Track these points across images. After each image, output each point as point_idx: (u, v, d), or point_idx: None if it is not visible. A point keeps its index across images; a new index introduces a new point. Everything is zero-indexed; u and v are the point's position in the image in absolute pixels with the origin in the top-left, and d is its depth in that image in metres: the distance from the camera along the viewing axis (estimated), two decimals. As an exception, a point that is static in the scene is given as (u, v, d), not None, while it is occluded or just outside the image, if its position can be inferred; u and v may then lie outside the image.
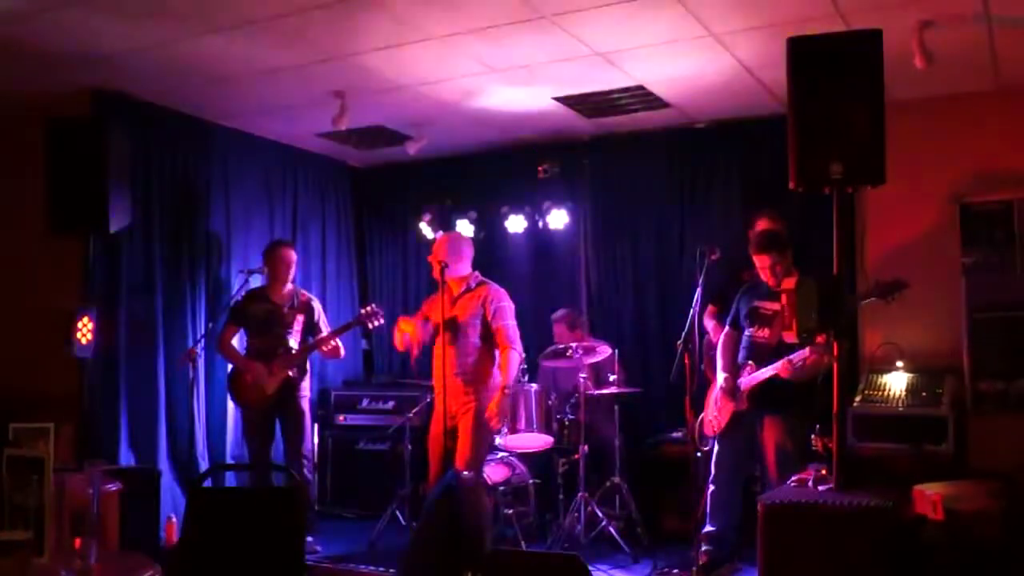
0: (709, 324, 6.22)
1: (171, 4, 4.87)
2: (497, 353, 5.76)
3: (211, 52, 5.53)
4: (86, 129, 5.66)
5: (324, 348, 6.42)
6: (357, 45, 5.48)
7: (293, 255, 6.55)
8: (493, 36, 5.33)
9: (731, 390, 5.46)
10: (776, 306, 5.34)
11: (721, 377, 5.55)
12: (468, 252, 5.88)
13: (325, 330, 6.56)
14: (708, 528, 5.50)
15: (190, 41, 5.35)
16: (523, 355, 5.90)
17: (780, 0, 4.88)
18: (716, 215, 7.09)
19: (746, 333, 5.50)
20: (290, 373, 6.29)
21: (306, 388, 6.46)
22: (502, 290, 5.85)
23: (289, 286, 6.51)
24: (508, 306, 5.80)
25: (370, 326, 6.37)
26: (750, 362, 5.40)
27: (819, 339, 4.82)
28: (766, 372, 5.28)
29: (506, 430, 6.30)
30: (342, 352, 6.55)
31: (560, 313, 7.18)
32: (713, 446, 5.64)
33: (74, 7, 4.87)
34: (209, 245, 6.98)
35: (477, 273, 5.89)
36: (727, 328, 5.64)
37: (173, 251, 6.67)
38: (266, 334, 6.33)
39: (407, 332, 5.83)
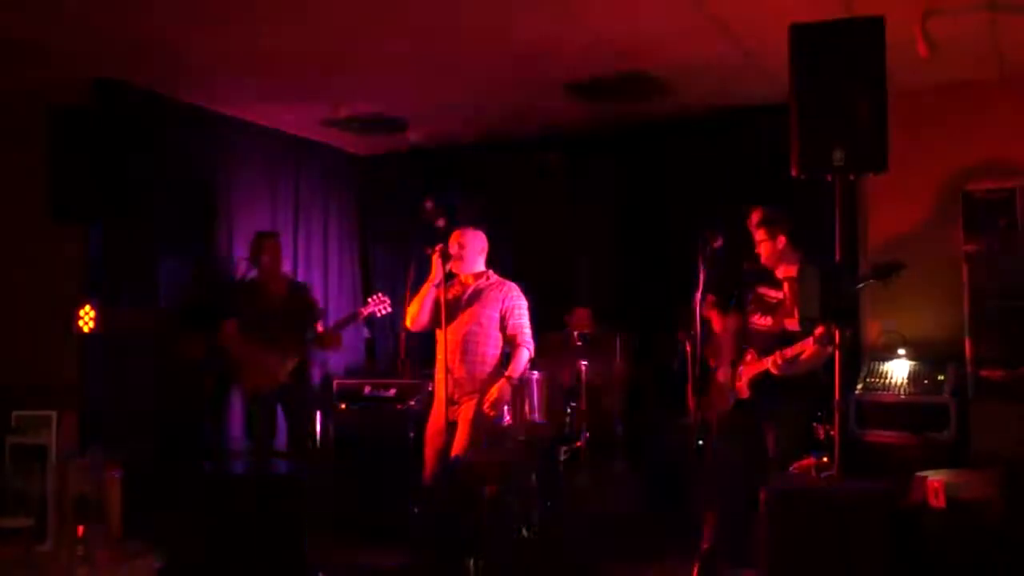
0: (710, 314, 6.20)
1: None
2: (502, 344, 5.76)
3: (212, 40, 5.51)
4: (87, 117, 5.65)
5: (332, 338, 6.43)
6: (359, 31, 5.46)
7: (279, 244, 6.59)
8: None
9: (730, 380, 5.45)
10: (779, 294, 5.34)
11: (721, 367, 5.55)
12: (484, 247, 5.85)
13: (320, 316, 6.59)
14: (713, 516, 5.51)
15: (191, 29, 5.34)
16: (533, 354, 5.88)
17: (783, -14, 4.87)
18: (718, 202, 7.07)
19: (750, 320, 5.50)
20: (300, 359, 6.33)
21: (311, 376, 6.49)
22: (518, 289, 5.81)
23: (281, 275, 6.54)
24: (525, 305, 5.79)
25: (379, 314, 6.38)
26: (751, 350, 5.40)
27: (819, 330, 4.83)
28: (759, 366, 5.28)
29: (508, 417, 6.30)
30: (341, 343, 6.57)
31: (584, 306, 7.18)
32: (717, 434, 5.65)
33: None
34: (210, 233, 6.97)
35: (490, 270, 5.84)
36: (731, 313, 5.64)
37: (174, 239, 6.65)
38: (268, 324, 6.35)
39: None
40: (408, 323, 5.83)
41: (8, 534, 2.91)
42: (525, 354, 5.72)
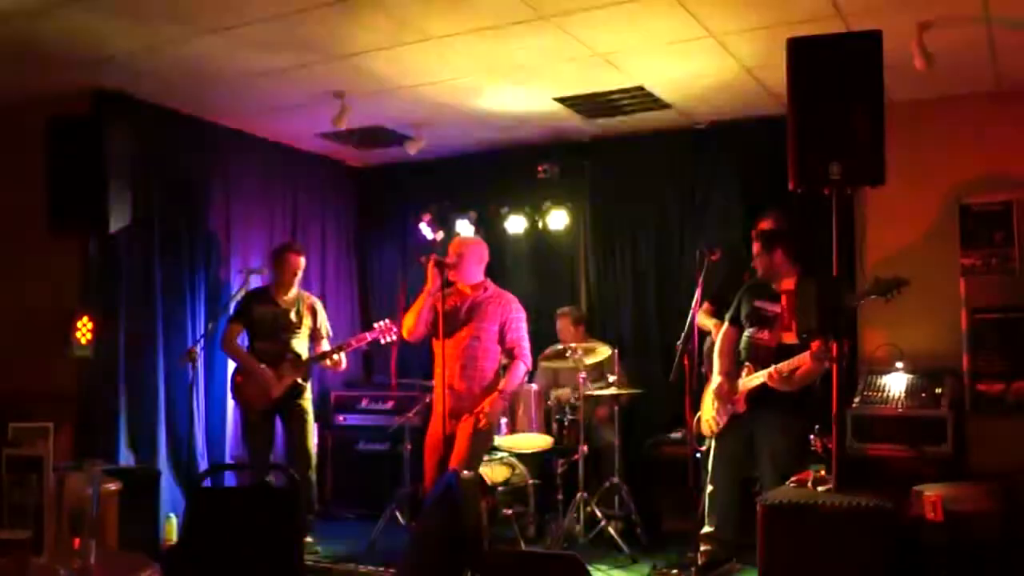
0: (709, 323, 6.19)
1: (172, 4, 4.87)
2: (502, 358, 5.76)
3: (211, 52, 5.52)
4: (86, 128, 5.66)
5: (334, 359, 6.40)
6: (357, 45, 5.48)
7: (302, 260, 6.49)
8: (493, 36, 5.33)
9: (726, 393, 5.44)
10: (777, 308, 5.34)
11: (716, 379, 5.55)
12: (484, 258, 5.84)
13: (326, 334, 6.56)
14: (706, 528, 5.49)
15: (191, 41, 5.35)
16: (530, 367, 5.88)
17: (780, 1, 4.88)
18: (716, 216, 7.09)
19: (746, 333, 5.49)
20: (298, 379, 6.30)
21: (309, 390, 6.47)
22: (516, 302, 5.81)
23: (295, 289, 6.49)
24: (523, 318, 5.79)
25: (383, 342, 6.36)
26: (748, 363, 5.39)
27: (814, 345, 4.83)
28: (756, 379, 5.28)
29: (505, 430, 6.30)
30: (343, 365, 6.53)
31: (566, 308, 7.20)
32: (710, 446, 5.64)
33: (75, 6, 4.86)
34: (209, 245, 6.98)
35: (487, 280, 5.84)
36: (727, 325, 5.63)
37: (173, 251, 6.65)
38: (272, 338, 6.32)
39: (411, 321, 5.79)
40: (404, 334, 5.83)
41: (4, 546, 2.90)
42: (522, 368, 5.72)
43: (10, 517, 3.07)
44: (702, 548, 5.42)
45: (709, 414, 5.57)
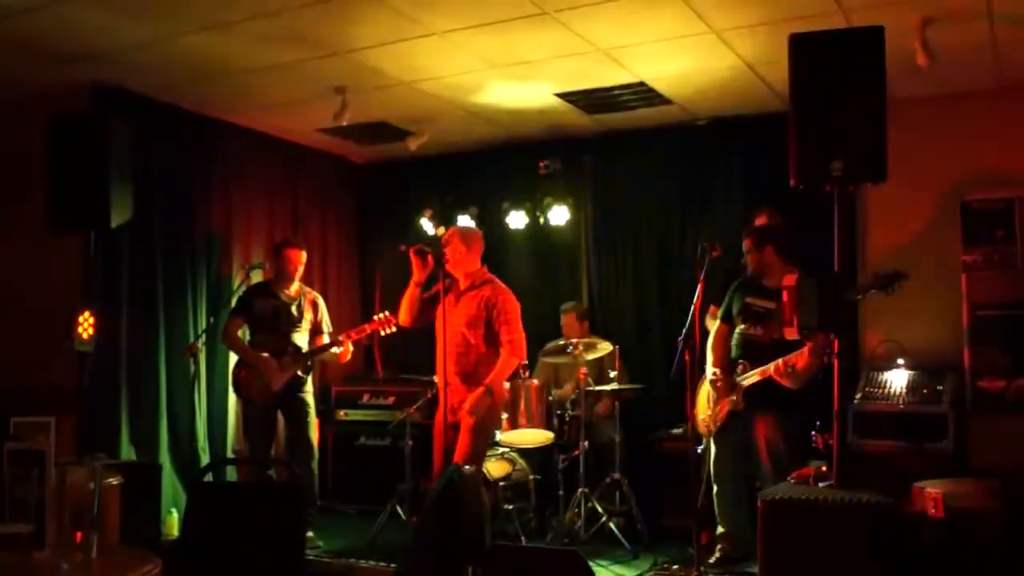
0: (712, 325, 6.20)
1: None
2: (494, 347, 5.72)
3: (212, 47, 5.53)
4: (87, 124, 5.64)
5: (337, 350, 6.39)
6: (358, 40, 5.48)
7: (302, 255, 6.46)
8: (495, 31, 5.33)
9: (725, 387, 5.44)
10: (769, 304, 5.33)
11: (711, 372, 5.53)
12: (478, 247, 5.75)
13: (327, 329, 6.55)
14: (720, 529, 5.50)
15: (192, 36, 5.35)
16: (523, 359, 5.80)
17: (782, -3, 4.89)
18: (717, 212, 7.09)
19: (738, 330, 5.49)
20: (299, 372, 6.30)
21: (310, 383, 6.46)
22: (508, 292, 5.67)
23: (296, 284, 6.48)
24: (513, 307, 5.64)
25: (382, 332, 6.34)
26: (742, 360, 5.39)
27: (812, 343, 4.82)
28: (752, 376, 5.27)
29: (506, 425, 6.29)
30: (349, 356, 6.52)
31: (570, 304, 7.19)
32: (708, 445, 5.63)
33: (75, 2, 4.87)
34: (210, 241, 6.98)
35: (484, 269, 5.77)
36: (718, 322, 5.64)
37: (174, 247, 6.66)
38: (273, 331, 6.31)
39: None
40: (399, 321, 5.85)
41: (6, 540, 2.91)
42: (512, 362, 5.59)
43: (12, 512, 3.07)
44: (718, 546, 5.43)
45: (704, 414, 5.57)
